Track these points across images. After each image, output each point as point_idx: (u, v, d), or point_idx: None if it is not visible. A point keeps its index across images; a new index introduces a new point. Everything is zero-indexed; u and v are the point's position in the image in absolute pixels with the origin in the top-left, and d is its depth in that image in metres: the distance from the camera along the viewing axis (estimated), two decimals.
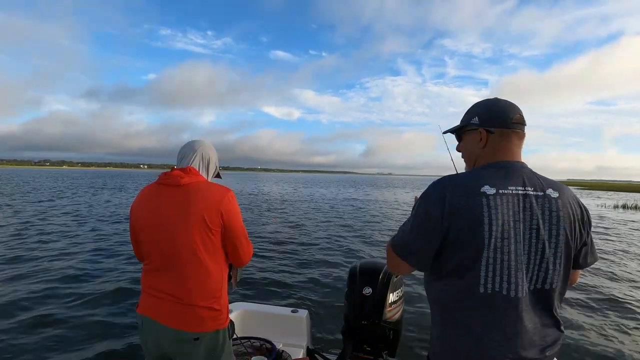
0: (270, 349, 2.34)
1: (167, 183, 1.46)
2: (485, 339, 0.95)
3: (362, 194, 32.13)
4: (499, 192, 0.97)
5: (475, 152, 1.12)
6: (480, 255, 0.94)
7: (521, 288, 0.95)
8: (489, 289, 0.94)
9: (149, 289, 1.47)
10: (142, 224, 1.48)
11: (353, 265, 2.49)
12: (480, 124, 1.10)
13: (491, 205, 0.95)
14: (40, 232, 9.38)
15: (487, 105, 1.12)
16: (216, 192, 1.44)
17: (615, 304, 4.95)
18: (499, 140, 1.07)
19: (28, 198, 19.64)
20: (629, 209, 22.37)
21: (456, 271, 0.98)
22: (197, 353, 1.41)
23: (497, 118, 1.07)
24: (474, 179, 1.00)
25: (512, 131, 1.07)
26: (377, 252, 8.25)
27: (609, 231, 12.09)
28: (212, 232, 1.41)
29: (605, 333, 4.01)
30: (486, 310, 0.95)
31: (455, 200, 0.96)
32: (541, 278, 0.97)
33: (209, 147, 1.63)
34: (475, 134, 1.11)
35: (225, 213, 1.43)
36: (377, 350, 2.35)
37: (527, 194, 0.98)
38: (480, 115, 1.10)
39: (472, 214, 0.95)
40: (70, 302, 4.57)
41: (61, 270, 5.97)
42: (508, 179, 1.00)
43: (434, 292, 1.07)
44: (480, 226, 0.94)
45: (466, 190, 0.98)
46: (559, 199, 1.00)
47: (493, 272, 0.94)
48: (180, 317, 1.39)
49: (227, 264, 1.56)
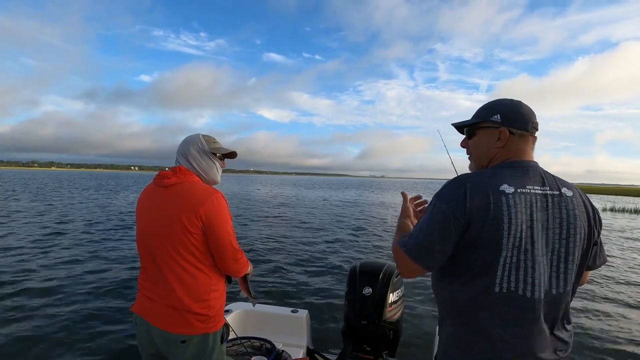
0: (270, 349, 2.34)
1: (158, 184, 1.46)
2: (500, 340, 0.93)
3: (337, 195, 32.37)
4: (517, 191, 0.95)
5: (492, 150, 1.08)
6: (499, 254, 0.92)
7: (539, 289, 0.93)
8: (504, 289, 0.93)
9: (142, 289, 1.48)
10: (138, 224, 1.50)
11: (353, 266, 2.50)
12: (502, 123, 1.07)
13: (510, 204, 0.93)
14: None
15: (512, 105, 1.09)
16: (199, 194, 1.39)
17: (612, 304, 5.03)
18: (517, 142, 1.05)
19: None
20: (616, 211, 22.73)
21: (473, 271, 0.96)
22: (185, 355, 1.40)
23: (519, 120, 1.06)
24: (492, 178, 0.98)
25: (530, 135, 1.06)
26: (377, 251, 8.27)
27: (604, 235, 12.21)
28: (194, 236, 1.36)
29: (603, 333, 4.06)
30: (502, 310, 0.94)
31: (475, 199, 0.94)
32: (559, 279, 0.96)
33: (185, 143, 1.54)
34: (493, 132, 1.08)
35: (206, 215, 1.36)
36: (377, 350, 2.36)
37: (545, 194, 0.97)
38: (505, 114, 1.07)
39: (492, 213, 0.93)
40: (72, 299, 4.54)
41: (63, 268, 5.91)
42: (525, 178, 0.98)
43: (447, 292, 1.04)
44: (499, 225, 0.92)
45: (485, 188, 0.95)
46: (573, 198, 0.99)
47: (509, 271, 0.93)
48: (168, 318, 1.39)
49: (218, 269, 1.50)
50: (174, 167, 1.50)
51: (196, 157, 1.51)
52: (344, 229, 11.74)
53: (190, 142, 1.53)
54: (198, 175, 1.52)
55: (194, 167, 1.51)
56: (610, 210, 23.38)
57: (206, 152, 1.53)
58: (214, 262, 1.46)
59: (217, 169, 1.58)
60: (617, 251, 9.15)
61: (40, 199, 19.42)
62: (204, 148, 1.53)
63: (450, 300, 1.04)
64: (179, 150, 1.53)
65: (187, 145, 1.52)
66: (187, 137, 1.57)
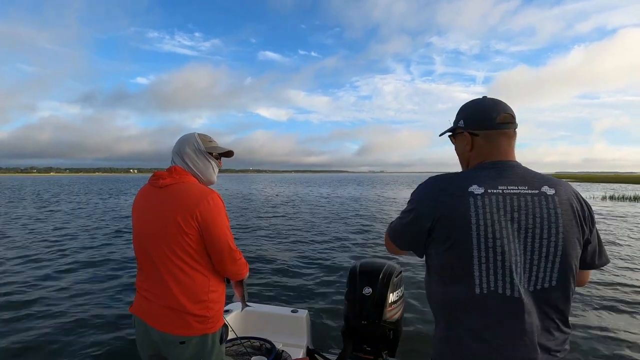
0: (270, 349, 2.34)
1: (153, 184, 1.45)
2: (487, 340, 0.93)
3: (336, 192, 32.34)
4: (487, 191, 0.96)
5: (465, 155, 1.11)
6: (471, 255, 0.94)
7: (519, 288, 0.93)
8: (485, 289, 0.93)
9: (140, 290, 1.48)
10: (134, 225, 1.49)
11: (353, 266, 2.49)
12: (465, 127, 1.09)
13: (479, 204, 0.94)
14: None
15: (471, 107, 1.10)
16: (194, 194, 1.38)
17: (613, 299, 4.94)
18: (484, 143, 1.05)
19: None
20: (616, 200, 22.78)
21: (453, 273, 0.97)
22: (184, 356, 1.40)
23: (480, 120, 1.06)
24: (462, 179, 1.00)
25: (499, 132, 1.04)
26: (377, 251, 8.27)
27: (602, 225, 12.15)
28: (189, 236, 1.35)
29: (602, 332, 3.98)
30: (485, 311, 0.94)
31: (444, 199, 0.97)
32: (541, 278, 0.95)
33: (181, 142, 1.52)
34: (464, 137, 1.10)
35: (202, 216, 1.35)
36: (377, 350, 2.36)
37: (521, 193, 0.97)
38: (465, 119, 1.09)
39: (459, 213, 0.94)
40: (72, 297, 4.56)
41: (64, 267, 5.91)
42: (499, 179, 0.98)
43: (435, 294, 1.06)
44: (467, 226, 0.94)
45: (454, 190, 0.98)
46: (555, 196, 0.98)
47: (487, 271, 0.93)
48: (166, 319, 1.38)
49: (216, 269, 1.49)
50: (169, 167, 1.49)
51: (192, 157, 1.50)
52: (343, 227, 11.73)
53: (185, 141, 1.52)
54: (194, 175, 1.50)
55: (190, 167, 1.49)
56: (610, 198, 23.41)
57: (202, 151, 1.52)
58: (212, 263, 1.45)
59: (214, 168, 1.57)
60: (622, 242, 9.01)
61: (38, 205, 19.42)
62: (199, 147, 1.51)
63: (437, 301, 1.05)
64: (175, 150, 1.52)
65: (183, 144, 1.51)
66: (182, 136, 1.55)
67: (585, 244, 1.02)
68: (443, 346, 1.03)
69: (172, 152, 1.53)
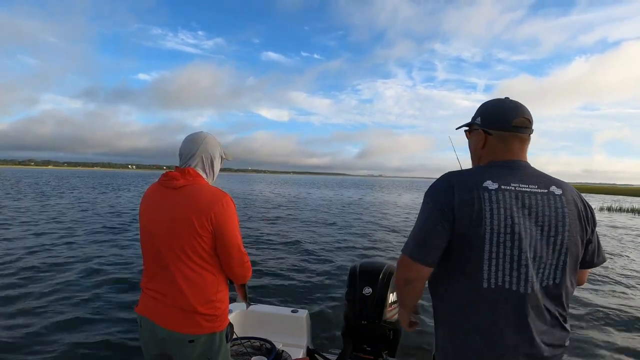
0: (270, 349, 2.34)
1: (165, 185, 1.45)
2: (493, 335, 0.94)
3: (336, 194, 32.35)
4: (501, 187, 0.97)
5: (477, 151, 1.13)
6: (483, 249, 0.94)
7: (527, 284, 0.94)
8: (493, 284, 0.94)
9: (147, 289, 1.47)
10: (142, 224, 1.48)
11: (353, 266, 2.50)
12: (481, 125, 1.10)
13: (493, 199, 0.95)
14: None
15: (491, 106, 1.11)
16: (209, 197, 1.39)
17: (609, 303, 5.00)
18: (496, 143, 1.07)
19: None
20: (614, 211, 22.80)
21: (462, 267, 0.98)
22: (192, 355, 1.40)
23: (496, 121, 1.07)
24: (476, 174, 1.01)
25: (512, 135, 1.05)
26: (378, 251, 8.26)
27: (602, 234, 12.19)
28: (202, 238, 1.37)
29: (601, 332, 4.06)
30: (492, 306, 0.95)
31: (460, 194, 0.97)
32: (549, 275, 0.97)
33: (212, 145, 1.53)
34: (478, 134, 1.12)
35: (216, 218, 1.37)
36: (377, 350, 2.36)
37: (531, 191, 0.98)
38: (483, 116, 1.10)
39: (474, 207, 0.95)
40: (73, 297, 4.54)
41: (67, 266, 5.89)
42: (510, 176, 1.00)
43: (441, 290, 1.06)
44: (481, 220, 0.94)
45: (469, 184, 0.98)
46: (562, 196, 1.00)
47: (496, 266, 0.94)
48: (175, 319, 1.39)
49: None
50: (182, 168, 1.48)
51: (218, 163, 1.55)
52: (344, 228, 11.73)
53: (216, 146, 1.54)
54: (205, 177, 1.52)
55: (209, 171, 1.53)
56: (608, 210, 23.44)
57: (223, 158, 1.59)
58: (220, 263, 1.46)
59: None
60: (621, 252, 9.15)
61: (33, 197, 19.33)
62: (222, 155, 1.58)
63: (443, 297, 1.06)
64: (201, 151, 1.50)
65: (214, 149, 1.53)
66: (209, 138, 1.54)
67: (586, 243, 1.05)
68: (447, 343, 1.03)
69: (194, 152, 1.49)
